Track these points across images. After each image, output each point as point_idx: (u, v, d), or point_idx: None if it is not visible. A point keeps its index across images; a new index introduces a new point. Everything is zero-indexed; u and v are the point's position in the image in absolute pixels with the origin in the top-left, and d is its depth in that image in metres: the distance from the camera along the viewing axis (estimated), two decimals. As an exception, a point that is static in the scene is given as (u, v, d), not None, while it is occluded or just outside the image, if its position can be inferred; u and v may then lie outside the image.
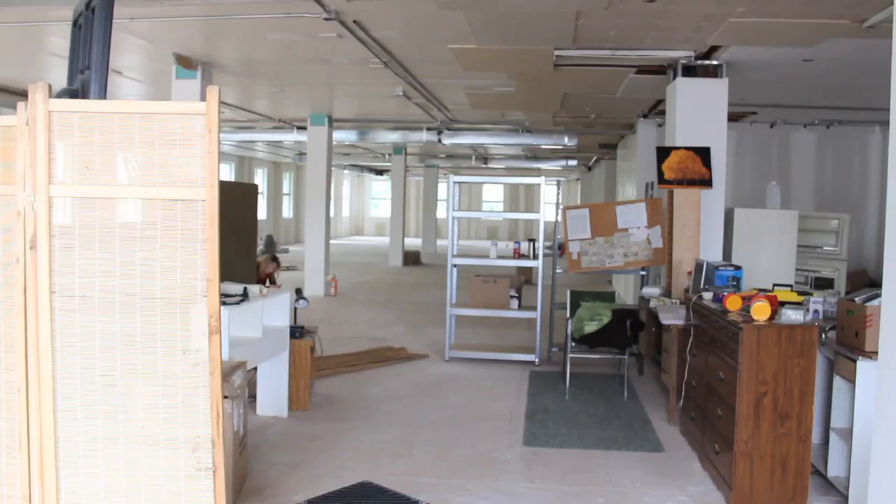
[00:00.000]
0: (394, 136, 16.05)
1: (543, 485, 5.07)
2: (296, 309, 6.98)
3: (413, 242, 26.15)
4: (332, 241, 15.90)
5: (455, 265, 8.94)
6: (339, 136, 15.68)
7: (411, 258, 21.66)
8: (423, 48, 8.51)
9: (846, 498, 4.77)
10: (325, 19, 6.94)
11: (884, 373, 3.91)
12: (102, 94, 2.97)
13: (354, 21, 7.31)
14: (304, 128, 15.08)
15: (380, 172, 32.66)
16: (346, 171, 33.05)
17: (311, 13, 6.88)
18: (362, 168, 31.31)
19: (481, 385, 7.77)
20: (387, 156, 23.36)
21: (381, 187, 38.25)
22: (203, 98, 2.82)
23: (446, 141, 15.52)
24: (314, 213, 14.53)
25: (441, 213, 26.36)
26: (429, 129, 15.20)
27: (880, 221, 6.78)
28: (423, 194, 26.93)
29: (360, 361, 8.37)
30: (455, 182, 8.90)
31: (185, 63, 9.09)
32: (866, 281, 11.22)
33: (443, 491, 4.88)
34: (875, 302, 4.53)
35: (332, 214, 16.49)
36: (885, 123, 3.94)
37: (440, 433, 6.11)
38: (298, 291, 7.23)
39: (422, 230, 26.70)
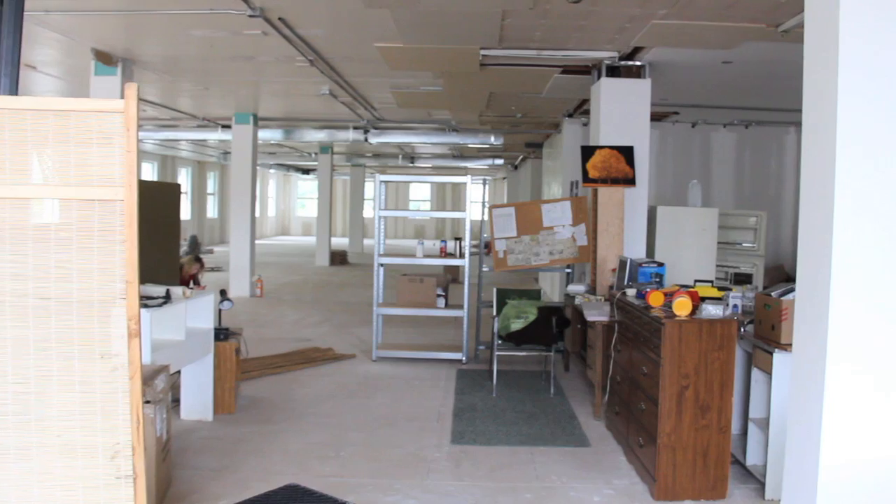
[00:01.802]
0: (320, 135, 15.93)
1: (471, 482, 5.09)
2: (220, 310, 6.87)
3: (340, 242, 26.05)
4: (257, 242, 15.71)
5: (382, 264, 8.92)
6: (264, 134, 15.52)
7: (338, 258, 21.52)
8: (349, 46, 8.47)
9: (763, 485, 4.92)
10: (250, 16, 6.85)
11: (797, 364, 4.03)
12: (14, 90, 2.88)
13: (280, 18, 7.24)
14: (228, 126, 14.87)
15: (306, 172, 32.38)
16: (272, 171, 32.65)
17: (235, 10, 6.78)
18: (288, 167, 31.00)
19: (409, 384, 7.76)
20: (313, 155, 23.19)
21: (307, 187, 37.93)
22: (123, 95, 2.76)
23: (373, 140, 15.47)
24: (239, 212, 14.32)
25: (368, 212, 26.29)
26: (355, 127, 15.14)
27: (795, 218, 7.03)
28: (350, 193, 26.80)
29: (286, 363, 8.28)
30: (381, 181, 8.87)
31: (105, 59, 8.85)
32: (783, 276, 11.57)
33: (371, 491, 4.85)
34: (790, 296, 4.67)
35: (257, 214, 16.31)
36: (800, 124, 4.06)
37: (368, 433, 6.09)
38: (223, 293, 7.12)
39: (349, 230, 26.58)
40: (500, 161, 23.26)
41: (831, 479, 3.78)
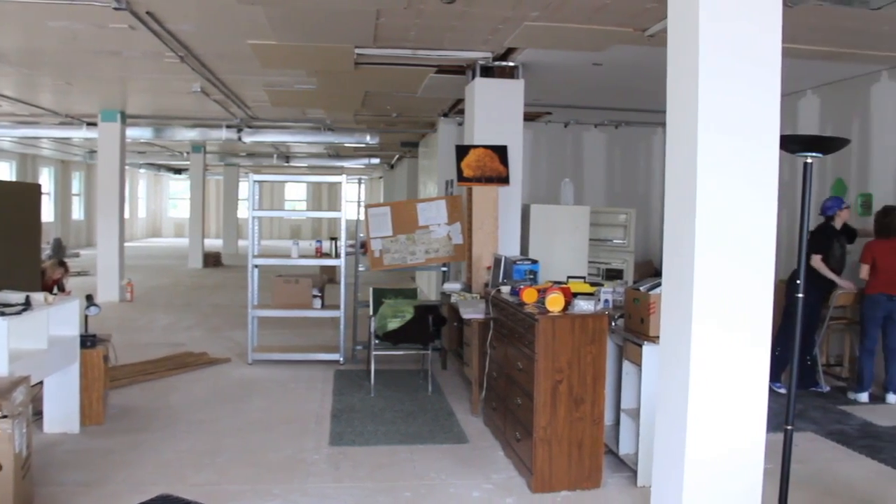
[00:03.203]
0: (192, 134, 15.49)
1: (351, 483, 5.05)
2: (87, 317, 6.57)
3: (214, 243, 25.40)
4: (127, 244, 15.15)
5: (256, 266, 8.75)
6: (133, 133, 14.95)
7: (212, 260, 21.01)
8: (221, 43, 8.26)
9: (636, 473, 5.09)
10: (115, 9, 6.57)
11: (665, 356, 4.19)
12: None
13: (147, 12, 6.97)
14: (94, 124, 14.25)
15: (178, 171, 31.43)
16: (141, 170, 31.55)
17: (99, 2, 6.48)
18: (159, 167, 30.01)
19: (286, 387, 7.64)
20: (185, 154, 22.54)
21: (179, 187, 36.79)
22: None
23: (247, 139, 15.17)
24: (107, 214, 13.76)
25: (242, 212, 25.74)
26: (228, 126, 14.81)
27: (663, 215, 7.27)
28: (224, 194, 26.17)
29: (158, 369, 8.02)
30: (255, 181, 8.71)
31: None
32: (652, 271, 11.99)
33: (249, 497, 4.76)
34: (657, 290, 4.84)
35: (126, 216, 15.73)
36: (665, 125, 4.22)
37: (245, 438, 5.96)
38: (89, 298, 6.82)
39: (223, 231, 25.96)
40: (376, 160, 23.21)
41: (697, 465, 3.94)
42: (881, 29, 6.86)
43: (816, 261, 7.55)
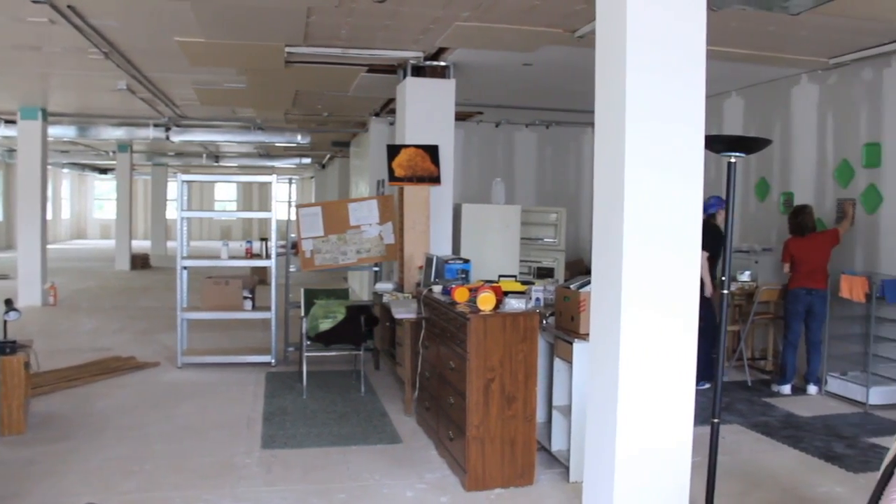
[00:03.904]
0: (118, 133, 15.12)
1: (284, 486, 5.00)
2: (5, 322, 6.38)
3: (142, 245, 24.91)
4: (50, 246, 14.75)
5: (185, 267, 8.59)
6: (55, 131, 14.52)
7: (140, 261, 20.58)
8: (147, 40, 8.07)
9: (568, 469, 5.14)
10: (34, 2, 6.36)
11: (595, 352, 4.24)
12: None
13: (69, 6, 6.75)
14: (13, 122, 13.81)
15: (104, 171, 30.65)
16: (65, 170, 30.70)
17: (15, -7, 6.28)
18: (84, 167, 29.23)
19: (216, 390, 7.53)
20: (111, 153, 21.99)
21: (105, 187, 35.89)
22: None
23: (175, 138, 14.88)
24: (28, 215, 13.35)
25: (171, 213, 25.27)
26: (156, 125, 14.50)
27: (593, 214, 7.30)
28: (152, 194, 25.66)
29: (83, 375, 7.81)
30: (184, 181, 8.55)
31: None
32: (583, 269, 12.12)
33: None
34: (587, 288, 4.90)
35: (49, 217, 15.31)
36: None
37: (174, 444, 5.84)
38: (8, 302, 6.61)
39: (150, 232, 25.46)
40: (307, 160, 23.00)
41: (628, 460, 4.00)
42: (800, 34, 7.07)
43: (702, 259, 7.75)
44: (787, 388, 7.76)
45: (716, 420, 4.02)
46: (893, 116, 7.57)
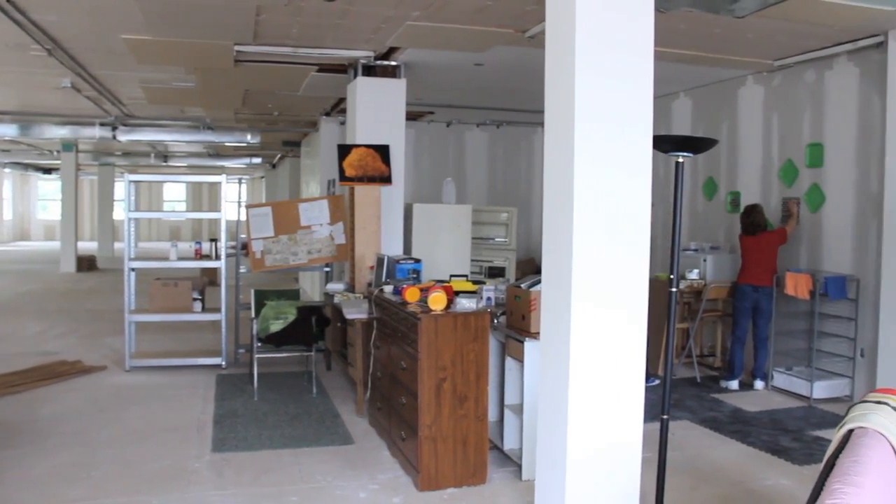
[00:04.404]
0: (62, 132, 14.79)
1: (235, 490, 4.95)
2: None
3: (88, 246, 24.48)
4: (-9, 248, 14.41)
5: (133, 269, 8.46)
6: (-5, 130, 14.22)
7: (86, 263, 20.19)
8: (92, 37, 7.91)
9: (520, 467, 5.17)
10: (-30, -5, 6.20)
11: (546, 351, 4.26)
12: None
13: (8, 0, 6.61)
14: (-50, 121, 13.49)
15: (48, 171, 30.03)
16: (6, 170, 29.99)
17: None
18: (27, 166, 28.60)
19: (166, 393, 7.42)
20: (55, 153, 21.56)
21: (49, 187, 35.13)
22: None
23: (122, 137, 14.62)
24: (-32, 216, 13.04)
25: (118, 214, 24.87)
26: (102, 124, 14.22)
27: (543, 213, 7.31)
28: (99, 194, 25.20)
29: (27, 380, 7.64)
30: (131, 181, 8.42)
31: None
32: (534, 268, 12.19)
33: (125, 508, 4.61)
34: (538, 287, 4.92)
35: (-10, 218, 14.95)
36: (543, 124, 4.31)
37: (122, 449, 5.74)
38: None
39: (97, 233, 25.01)
40: (257, 160, 22.78)
41: (579, 457, 4.03)
42: (746, 36, 7.19)
43: None
44: (734, 384, 7.91)
45: (665, 416, 4.07)
46: (835, 117, 7.74)
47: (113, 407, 6.92)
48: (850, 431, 2.66)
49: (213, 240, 8.92)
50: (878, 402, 2.87)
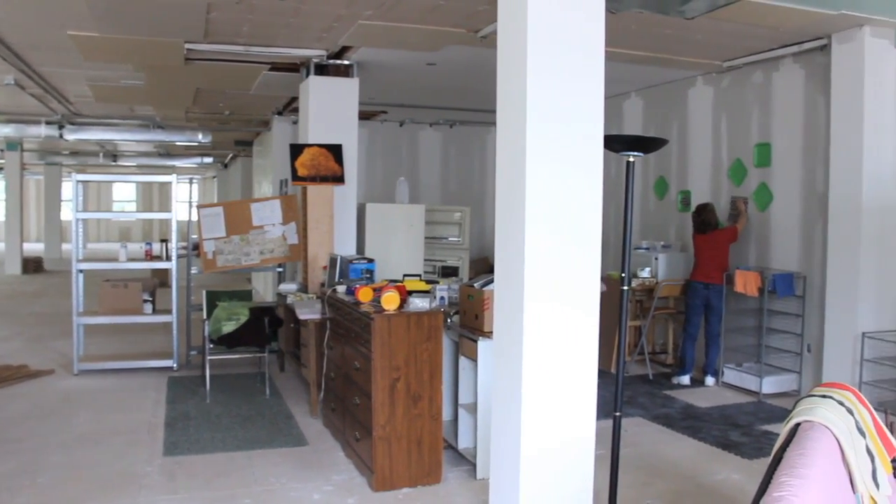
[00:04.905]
0: (6, 130, 14.47)
1: (187, 494, 4.89)
2: None
3: (34, 248, 23.99)
4: (-67, 249, 14.06)
5: (81, 270, 8.31)
6: (-66, 128, 13.86)
7: (32, 265, 19.77)
8: (37, 32, 7.74)
9: (475, 466, 5.18)
10: None
11: (499, 350, 4.28)
12: None
13: (-54, -5, 6.45)
14: None
15: (-9, 171, 29.44)
16: (-52, 170, 29.33)
17: None
18: (-31, 166, 28.00)
19: (116, 397, 7.30)
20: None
21: (-7, 188, 34.45)
22: None
23: (69, 136, 14.35)
24: None
25: (66, 214, 24.41)
26: (48, 122, 13.95)
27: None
28: (45, 195, 24.71)
29: (-29, 383, 7.48)
30: (79, 181, 8.27)
31: None
32: (487, 268, 12.23)
33: (73, 514, 4.52)
34: (491, 286, 4.94)
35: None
36: (496, 123, 4.32)
37: (71, 454, 5.63)
38: None
39: (44, 234, 24.52)
40: (209, 159, 22.52)
41: (533, 455, 4.06)
42: (696, 37, 7.29)
43: None
44: (686, 379, 8.02)
45: (618, 413, 4.11)
46: (782, 118, 7.89)
47: (61, 412, 6.79)
48: (797, 425, 2.71)
49: (164, 240, 8.80)
50: (824, 396, 2.94)
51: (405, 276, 6.17)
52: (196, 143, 16.02)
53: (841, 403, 2.89)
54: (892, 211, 6.80)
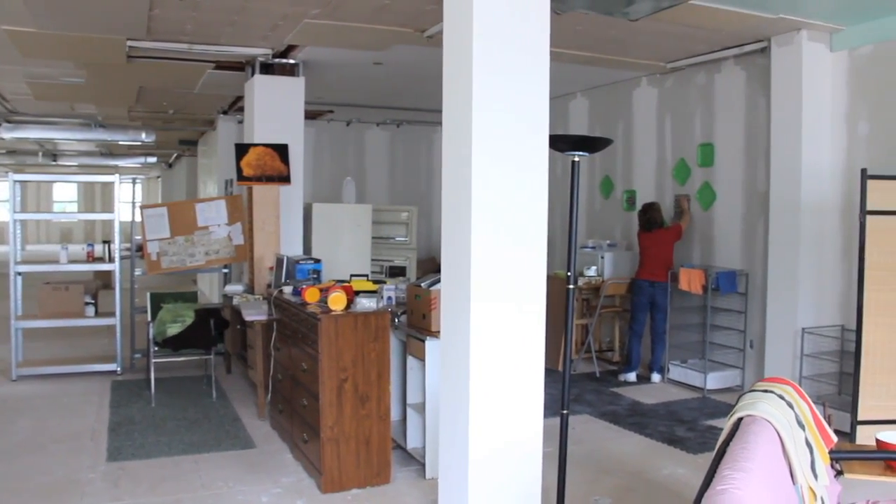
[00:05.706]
0: (-62, 129, 14.12)
1: (131, 500, 4.80)
2: None
3: (-29, 250, 23.40)
4: None
5: (20, 273, 8.12)
6: None
7: (-32, 268, 19.30)
8: (-31, 27, 7.56)
9: (424, 466, 5.19)
10: None
11: (446, 349, 4.28)
12: None
13: None
14: None
15: (-76, 171, 28.62)
16: None
17: None
18: None
19: (57, 402, 7.15)
20: (-68, 152, 20.55)
21: (-73, 188, 33.50)
22: None
23: (6, 135, 14.02)
24: None
25: (3, 215, 23.83)
26: (-17, 121, 13.64)
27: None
28: (-18, 196, 24.14)
29: None
30: (17, 181, 8.09)
31: None
32: (435, 267, 12.24)
33: (12, 523, 4.42)
34: (438, 286, 4.95)
35: None
36: (443, 123, 4.33)
37: (9, 463, 5.48)
38: None
39: (-19, 236, 23.95)
40: (153, 159, 22.17)
41: (481, 453, 4.07)
42: (640, 39, 7.38)
43: None
44: (632, 376, 8.13)
45: (565, 411, 4.14)
46: (724, 119, 8.03)
47: (-1, 418, 6.64)
48: (740, 419, 2.76)
49: (107, 242, 8.64)
50: (765, 391, 3.00)
51: (352, 276, 6.16)
52: (139, 143, 15.76)
53: (781, 397, 2.96)
54: (829, 209, 6.96)
